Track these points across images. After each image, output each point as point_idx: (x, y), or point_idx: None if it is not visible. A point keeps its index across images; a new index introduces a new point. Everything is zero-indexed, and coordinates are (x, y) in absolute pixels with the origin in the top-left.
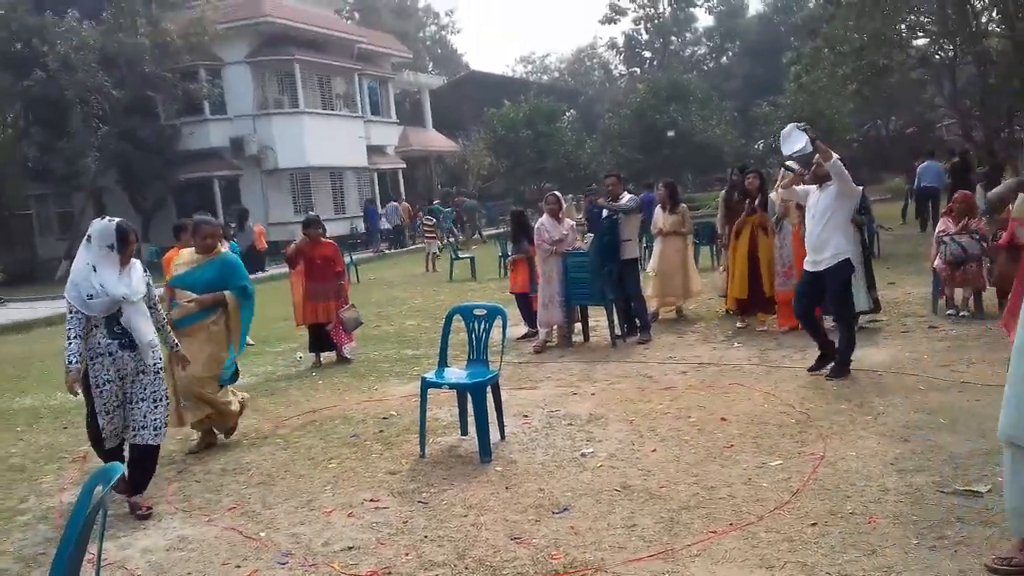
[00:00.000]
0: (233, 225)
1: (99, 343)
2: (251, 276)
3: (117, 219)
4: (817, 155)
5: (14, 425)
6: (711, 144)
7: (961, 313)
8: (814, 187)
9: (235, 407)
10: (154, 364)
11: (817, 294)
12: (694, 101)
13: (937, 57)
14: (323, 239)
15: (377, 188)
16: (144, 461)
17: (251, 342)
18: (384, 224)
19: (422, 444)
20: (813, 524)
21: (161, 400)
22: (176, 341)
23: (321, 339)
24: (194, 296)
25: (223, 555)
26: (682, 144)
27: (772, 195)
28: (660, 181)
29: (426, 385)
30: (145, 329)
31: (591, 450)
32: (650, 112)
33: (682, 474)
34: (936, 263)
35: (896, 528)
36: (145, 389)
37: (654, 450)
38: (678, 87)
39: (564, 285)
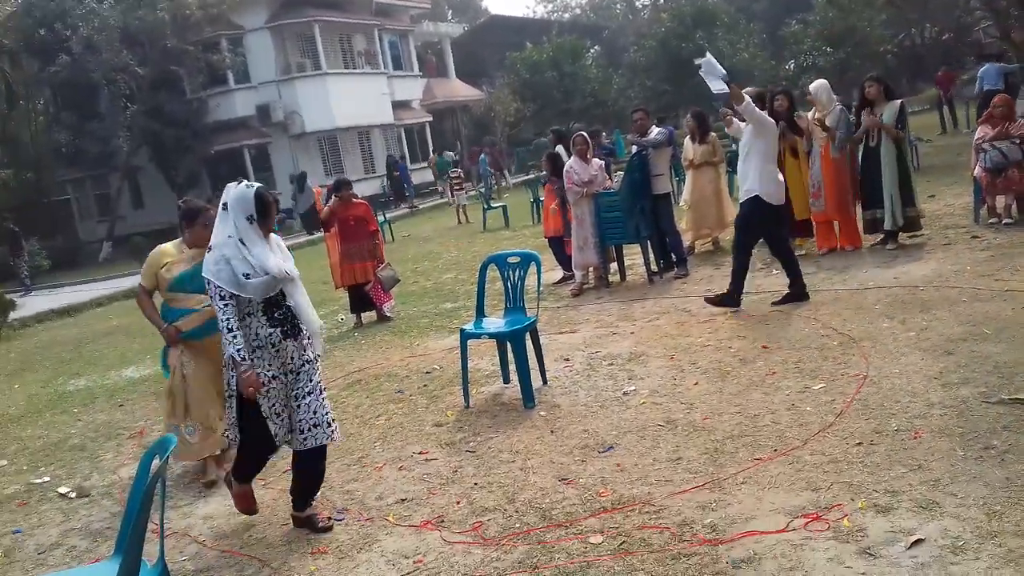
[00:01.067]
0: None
1: (257, 334)
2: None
3: (256, 184)
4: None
5: (71, 407)
6: (741, 69)
7: (1004, 221)
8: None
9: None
10: (316, 356)
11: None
12: (720, 26)
13: None
14: (355, 199)
15: (405, 144)
16: (317, 465)
17: None
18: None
19: (466, 395)
20: (858, 444)
21: (322, 390)
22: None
23: (361, 299)
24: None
25: (281, 516)
26: None
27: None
28: (688, 112)
29: (465, 336)
30: (312, 313)
31: (633, 388)
32: (675, 41)
33: (725, 405)
34: (976, 171)
35: (942, 441)
36: (311, 380)
37: (696, 383)
38: (703, 13)
39: (597, 226)
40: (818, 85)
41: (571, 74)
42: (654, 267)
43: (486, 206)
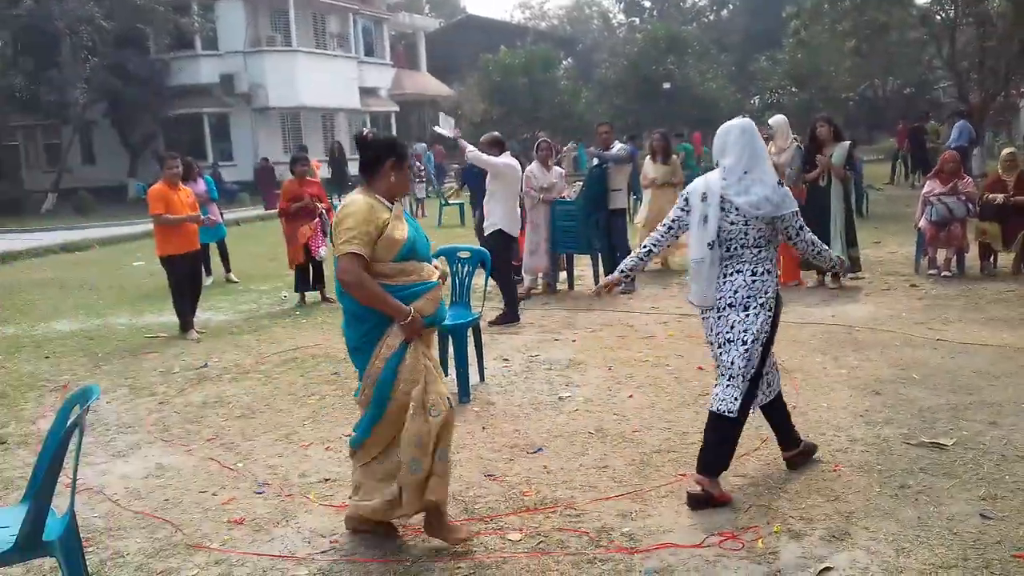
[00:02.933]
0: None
1: None
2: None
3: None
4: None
5: None
6: (707, 97)
7: (943, 273)
8: None
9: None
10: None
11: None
12: (692, 53)
13: (938, 17)
14: (308, 178)
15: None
16: (717, 431)
17: (235, 279)
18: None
19: None
20: (779, 470)
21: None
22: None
23: (306, 278)
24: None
25: (200, 483)
26: (678, 96)
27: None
28: (655, 132)
29: None
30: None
31: (568, 394)
32: (647, 63)
33: (656, 420)
34: (921, 223)
35: (860, 477)
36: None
37: (631, 396)
38: (676, 38)
39: (551, 233)
40: (779, 120)
41: (542, 82)
42: (602, 280)
43: (443, 202)
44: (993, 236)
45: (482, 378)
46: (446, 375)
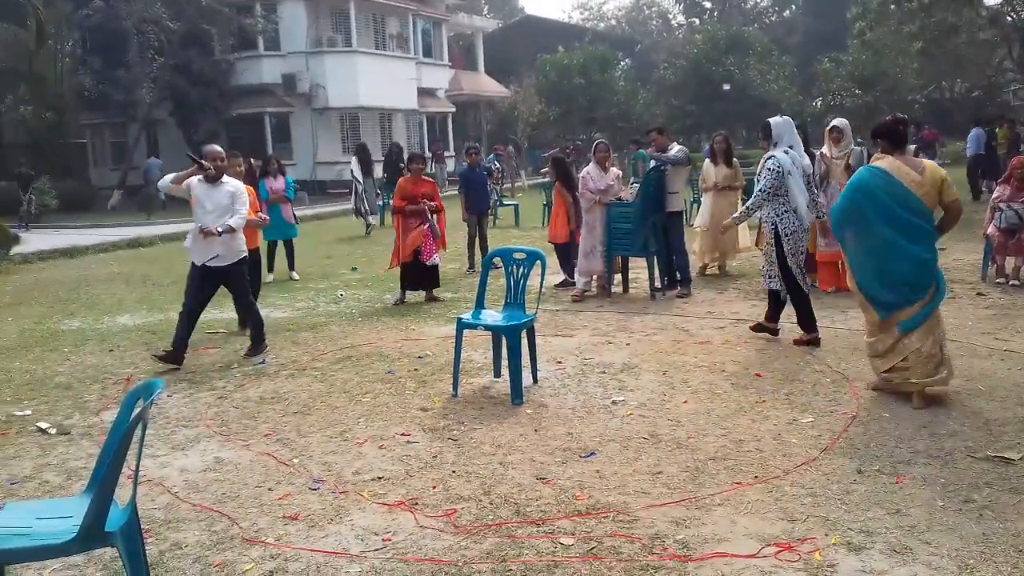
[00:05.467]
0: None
1: None
2: None
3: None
4: None
5: (62, 346)
6: (768, 100)
7: (1011, 282)
8: None
9: None
10: None
11: None
12: (753, 54)
13: (1008, 18)
14: (423, 177)
15: (426, 131)
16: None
17: (296, 277)
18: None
19: (455, 383)
20: (839, 481)
21: None
22: None
23: (412, 277)
24: None
25: (256, 478)
26: (738, 98)
27: (818, 152)
28: (716, 134)
29: (462, 325)
30: None
31: (622, 398)
32: (707, 64)
33: (711, 426)
34: (989, 230)
35: (923, 490)
36: None
37: (685, 402)
38: (737, 39)
39: (607, 235)
40: (845, 122)
41: (599, 83)
42: (658, 283)
43: (499, 202)
44: None
45: (535, 380)
46: (499, 376)
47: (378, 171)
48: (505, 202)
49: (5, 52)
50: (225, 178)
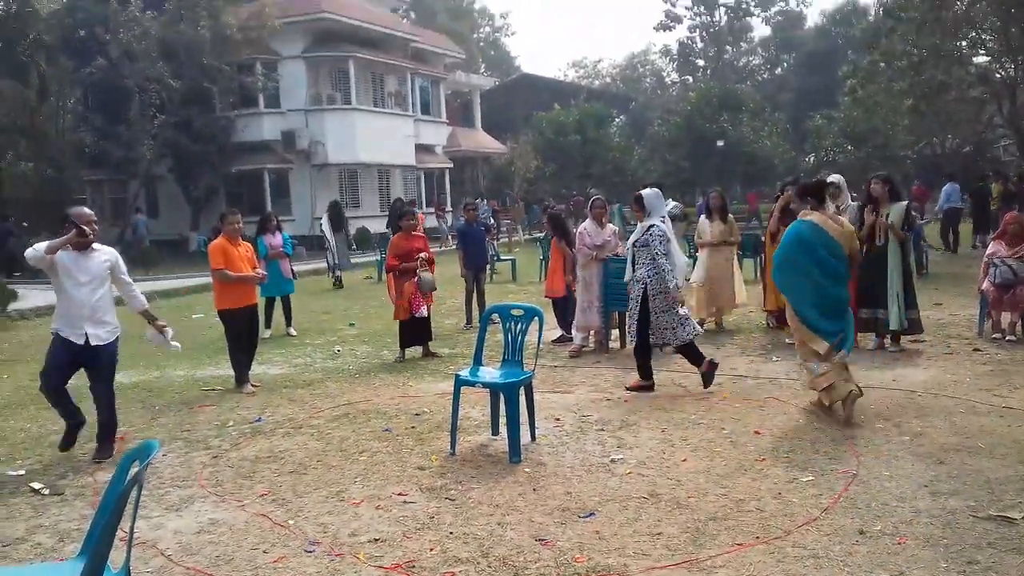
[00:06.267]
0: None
1: None
2: None
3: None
4: None
5: None
6: (761, 155)
7: (1008, 337)
8: None
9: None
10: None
11: None
12: (746, 111)
13: (998, 76)
14: (414, 232)
15: (423, 187)
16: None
17: (294, 333)
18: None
19: (453, 441)
20: (841, 542)
21: None
22: None
23: (409, 334)
24: None
25: (252, 540)
26: (731, 154)
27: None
28: (711, 191)
29: (460, 383)
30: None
31: (621, 456)
32: (700, 120)
33: (711, 485)
34: (984, 285)
35: (926, 551)
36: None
37: (684, 460)
38: (730, 96)
39: (603, 290)
40: (840, 179)
41: (594, 140)
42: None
43: (496, 258)
44: None
45: (533, 437)
46: (496, 434)
47: (381, 225)
48: (502, 257)
49: (7, 108)
50: (96, 245)
